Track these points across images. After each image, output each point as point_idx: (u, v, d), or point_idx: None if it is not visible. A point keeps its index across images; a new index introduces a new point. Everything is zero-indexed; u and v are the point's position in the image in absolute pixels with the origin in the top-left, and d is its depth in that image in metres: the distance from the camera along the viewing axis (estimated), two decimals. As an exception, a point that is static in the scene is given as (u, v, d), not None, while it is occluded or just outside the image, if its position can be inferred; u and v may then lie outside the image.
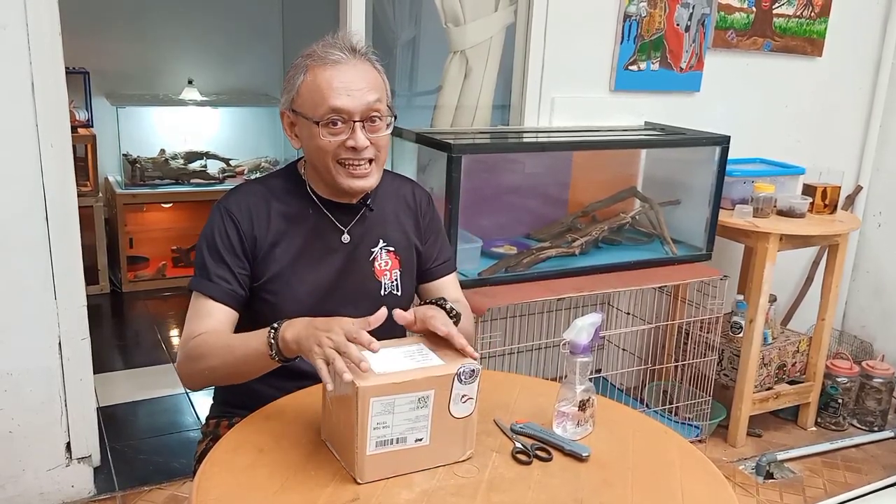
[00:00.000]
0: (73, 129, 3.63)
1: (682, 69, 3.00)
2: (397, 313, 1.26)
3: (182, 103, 4.61)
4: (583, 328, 1.32)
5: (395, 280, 1.56)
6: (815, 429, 3.15)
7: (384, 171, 1.64)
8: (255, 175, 4.52)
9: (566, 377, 1.34)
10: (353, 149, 1.40)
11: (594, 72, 2.87)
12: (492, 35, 2.74)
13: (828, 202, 2.96)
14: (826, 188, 2.96)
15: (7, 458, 2.28)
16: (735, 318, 2.92)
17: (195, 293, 1.44)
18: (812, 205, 2.91)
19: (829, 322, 3.04)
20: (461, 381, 1.16)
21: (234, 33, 4.76)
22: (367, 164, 1.43)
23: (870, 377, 3.15)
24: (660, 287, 2.81)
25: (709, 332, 2.85)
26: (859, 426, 3.17)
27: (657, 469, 1.28)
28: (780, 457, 2.82)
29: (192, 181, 4.40)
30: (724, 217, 2.80)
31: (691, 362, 2.90)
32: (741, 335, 2.87)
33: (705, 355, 2.87)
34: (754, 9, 3.10)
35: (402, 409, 1.13)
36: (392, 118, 1.45)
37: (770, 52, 3.20)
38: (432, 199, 1.66)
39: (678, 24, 2.94)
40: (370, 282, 1.53)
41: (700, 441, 2.89)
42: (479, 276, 2.42)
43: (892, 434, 3.10)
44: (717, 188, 2.73)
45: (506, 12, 2.75)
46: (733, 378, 2.93)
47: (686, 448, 1.36)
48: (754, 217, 2.81)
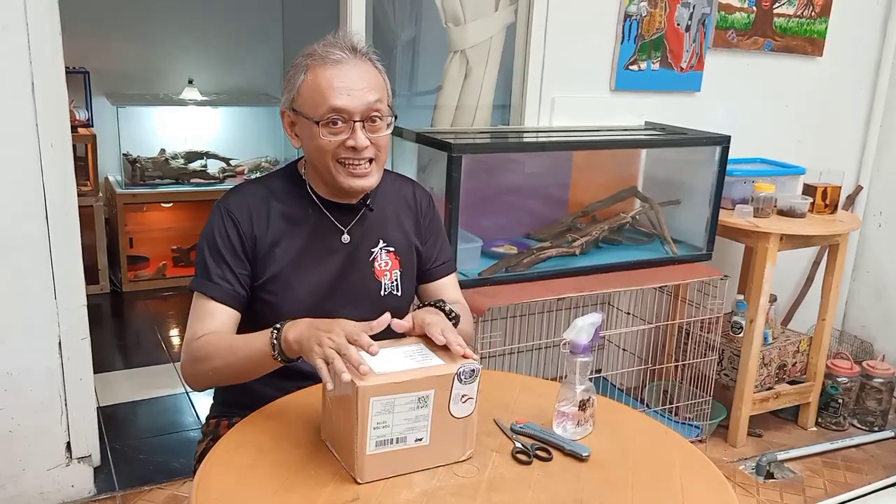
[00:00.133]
0: (74, 128, 3.63)
1: (682, 69, 3.00)
2: (395, 323, 1.26)
3: (182, 103, 4.61)
4: (583, 328, 1.32)
5: (395, 280, 1.55)
6: (815, 429, 3.15)
7: (385, 171, 1.64)
8: (255, 175, 4.52)
9: (566, 377, 1.34)
10: (354, 149, 1.39)
11: (594, 72, 2.87)
12: (492, 35, 2.74)
13: (828, 202, 2.96)
14: (826, 188, 2.96)
15: (7, 457, 2.28)
16: (735, 318, 2.91)
17: (196, 293, 1.44)
18: (812, 205, 2.91)
19: (829, 322, 3.04)
20: (461, 381, 1.16)
21: (234, 33, 4.76)
22: (368, 163, 1.43)
23: (870, 377, 3.15)
24: (660, 287, 2.81)
25: (709, 332, 2.85)
26: (860, 426, 3.17)
27: (657, 469, 1.28)
28: (781, 457, 2.82)
29: (193, 181, 4.41)
30: (725, 217, 2.80)
31: (691, 362, 2.90)
32: (741, 335, 2.87)
33: (705, 355, 2.87)
34: (755, 8, 3.10)
35: (402, 408, 1.13)
36: (392, 118, 1.45)
37: (770, 51, 3.19)
38: (433, 200, 1.66)
39: (678, 24, 2.94)
40: (370, 282, 1.53)
41: (700, 441, 2.89)
42: (480, 275, 2.42)
43: (892, 434, 3.10)
44: (717, 188, 2.73)
45: (506, 12, 2.75)
46: (734, 378, 2.93)
47: (686, 448, 1.35)
48: (755, 217, 2.81)
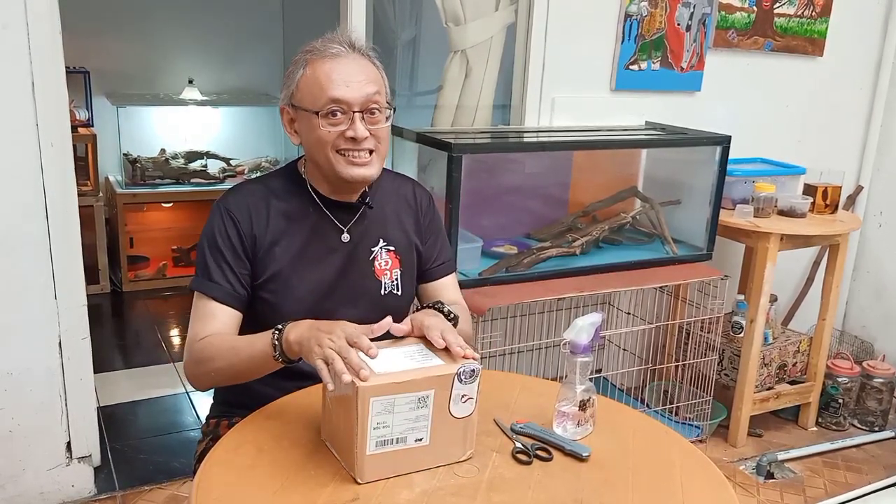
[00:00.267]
0: (74, 128, 3.63)
1: (682, 69, 3.00)
2: (394, 327, 1.26)
3: (182, 103, 4.61)
4: (583, 328, 1.32)
5: (396, 280, 1.55)
6: (815, 429, 3.15)
7: (385, 171, 1.63)
8: (255, 175, 4.52)
9: (566, 377, 1.34)
10: (353, 139, 1.40)
11: (595, 71, 2.87)
12: (492, 35, 2.74)
13: (829, 202, 2.96)
14: (827, 188, 2.95)
15: (7, 457, 2.28)
16: (736, 318, 2.91)
17: (197, 293, 1.44)
18: (813, 205, 2.91)
19: (829, 322, 3.04)
20: (461, 381, 1.16)
21: (234, 33, 4.76)
22: (368, 154, 1.42)
23: (870, 377, 3.15)
24: (660, 287, 2.81)
25: (709, 332, 2.85)
26: (860, 426, 3.17)
27: (658, 469, 1.28)
28: (781, 457, 2.82)
29: (193, 181, 4.41)
30: (725, 217, 2.80)
31: (692, 362, 2.89)
32: (742, 335, 2.87)
33: (706, 355, 2.87)
34: (755, 8, 3.10)
35: (402, 408, 1.13)
36: (391, 111, 1.45)
37: (771, 51, 3.19)
38: (433, 199, 1.65)
39: (679, 24, 2.94)
40: (370, 281, 1.53)
41: (700, 441, 2.89)
42: (480, 275, 2.42)
43: (892, 434, 3.10)
44: (717, 188, 2.73)
45: (506, 12, 2.75)
46: (734, 378, 2.93)
47: (686, 448, 1.35)
48: (755, 217, 2.81)
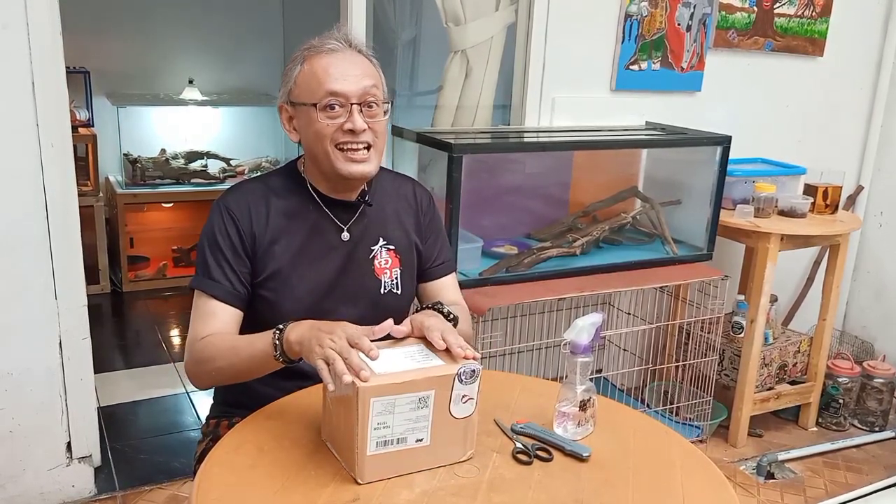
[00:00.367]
0: (74, 128, 3.63)
1: (683, 69, 3.00)
2: (394, 330, 1.26)
3: (183, 103, 4.61)
4: (583, 328, 1.32)
5: (395, 278, 1.55)
6: (815, 429, 3.14)
7: (385, 170, 1.64)
8: (255, 175, 4.52)
9: (567, 377, 1.34)
10: (352, 131, 1.40)
11: (595, 71, 2.87)
12: (492, 35, 2.74)
13: (829, 202, 2.96)
14: (827, 188, 2.95)
15: (7, 457, 2.28)
16: (736, 319, 2.91)
17: (197, 292, 1.44)
18: (813, 205, 2.91)
19: (829, 322, 3.03)
20: (461, 382, 1.16)
21: (234, 33, 4.76)
22: (366, 150, 1.43)
23: (871, 377, 3.15)
24: (661, 287, 2.81)
25: (710, 333, 2.85)
26: (860, 426, 3.17)
27: (658, 469, 1.28)
28: (781, 457, 2.82)
29: (193, 181, 4.41)
30: (725, 217, 2.80)
31: (692, 362, 2.89)
32: (742, 335, 2.87)
33: (706, 355, 2.87)
34: (755, 8, 3.10)
35: (402, 409, 1.13)
36: (388, 105, 1.46)
37: (771, 51, 3.19)
38: (433, 199, 1.65)
39: (679, 24, 2.94)
40: (370, 280, 1.53)
41: (701, 441, 2.89)
42: (480, 275, 2.42)
43: (893, 434, 3.10)
44: (718, 188, 2.73)
45: (507, 12, 2.75)
46: (734, 378, 2.93)
47: (687, 448, 1.35)
48: (755, 217, 2.81)
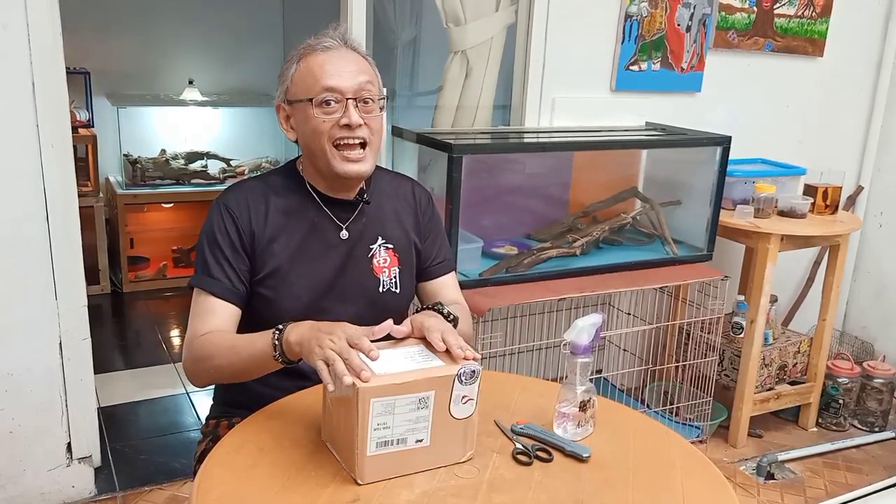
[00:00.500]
0: (74, 129, 3.63)
1: (683, 69, 3.00)
2: (394, 330, 1.26)
3: (183, 103, 4.61)
4: (583, 329, 1.32)
5: (394, 277, 1.55)
6: (815, 429, 3.15)
7: (384, 170, 1.64)
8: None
9: (567, 378, 1.34)
10: (348, 126, 1.41)
11: (595, 72, 2.87)
12: (492, 35, 2.74)
13: (829, 202, 2.96)
14: (827, 188, 2.96)
15: (8, 458, 2.28)
16: (736, 319, 2.91)
17: (196, 290, 1.45)
18: (813, 205, 2.91)
19: (829, 322, 3.03)
20: (461, 382, 1.16)
21: (234, 33, 4.76)
22: (361, 148, 1.44)
23: (871, 378, 3.15)
24: (661, 287, 2.81)
25: (709, 333, 2.85)
26: (860, 427, 3.17)
27: (658, 470, 1.28)
28: (781, 457, 2.82)
29: (193, 181, 4.41)
30: (725, 217, 2.80)
31: (692, 363, 2.89)
32: (742, 336, 2.87)
33: (706, 356, 2.87)
34: (755, 9, 3.10)
35: (402, 409, 1.13)
36: (384, 101, 1.48)
37: (771, 52, 3.19)
38: (432, 198, 1.66)
39: (679, 25, 2.94)
40: (368, 279, 1.53)
41: (701, 442, 2.89)
42: (480, 276, 2.42)
43: (893, 434, 3.10)
44: (717, 188, 2.73)
45: (506, 12, 2.75)
46: (734, 378, 2.93)
47: (687, 449, 1.35)
48: (755, 217, 2.81)
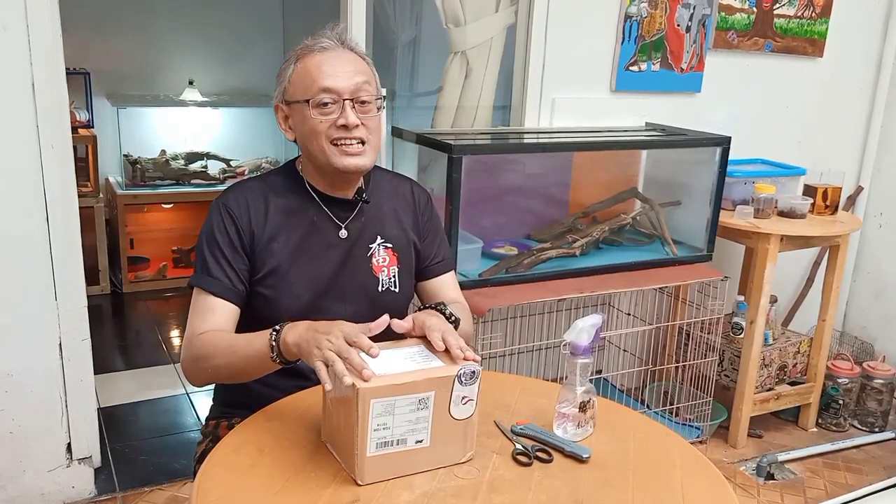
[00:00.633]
0: (74, 129, 3.63)
1: (682, 70, 3.00)
2: (395, 323, 1.26)
3: (183, 104, 4.62)
4: (583, 329, 1.32)
5: (393, 277, 1.55)
6: (815, 430, 3.15)
7: (383, 170, 1.65)
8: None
9: (567, 378, 1.34)
10: (345, 126, 1.41)
11: (595, 72, 2.87)
12: (492, 36, 2.74)
13: (829, 203, 2.96)
14: (827, 189, 2.96)
15: (8, 458, 2.28)
16: (736, 319, 2.91)
17: (196, 289, 1.45)
18: (813, 205, 2.91)
19: (829, 323, 3.03)
20: (461, 383, 1.16)
21: (234, 34, 4.76)
22: (360, 144, 1.44)
23: (871, 378, 3.15)
24: (660, 288, 2.81)
25: (709, 333, 2.85)
26: (860, 427, 3.17)
27: (658, 470, 1.28)
28: (781, 458, 2.82)
29: (193, 182, 4.41)
30: (725, 218, 2.80)
31: (692, 363, 2.89)
32: (742, 336, 2.87)
33: (706, 356, 2.87)
34: (755, 9, 3.10)
35: (402, 410, 1.13)
36: (381, 101, 1.48)
37: (771, 52, 3.19)
38: (431, 198, 1.66)
39: (679, 25, 2.94)
40: (368, 278, 1.53)
41: (701, 442, 2.89)
42: (480, 276, 2.42)
43: (893, 435, 3.10)
44: (717, 189, 2.73)
45: (506, 13, 2.75)
46: (734, 379, 2.93)
47: (687, 449, 1.35)
48: (755, 218, 2.81)
